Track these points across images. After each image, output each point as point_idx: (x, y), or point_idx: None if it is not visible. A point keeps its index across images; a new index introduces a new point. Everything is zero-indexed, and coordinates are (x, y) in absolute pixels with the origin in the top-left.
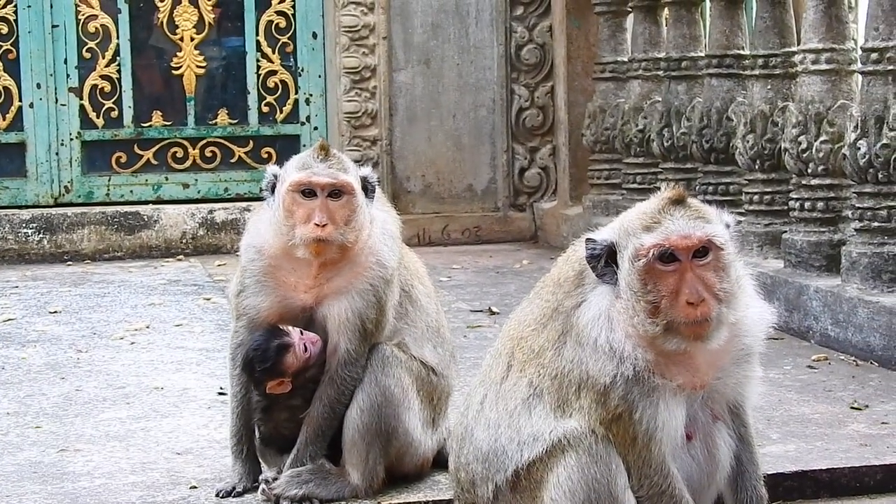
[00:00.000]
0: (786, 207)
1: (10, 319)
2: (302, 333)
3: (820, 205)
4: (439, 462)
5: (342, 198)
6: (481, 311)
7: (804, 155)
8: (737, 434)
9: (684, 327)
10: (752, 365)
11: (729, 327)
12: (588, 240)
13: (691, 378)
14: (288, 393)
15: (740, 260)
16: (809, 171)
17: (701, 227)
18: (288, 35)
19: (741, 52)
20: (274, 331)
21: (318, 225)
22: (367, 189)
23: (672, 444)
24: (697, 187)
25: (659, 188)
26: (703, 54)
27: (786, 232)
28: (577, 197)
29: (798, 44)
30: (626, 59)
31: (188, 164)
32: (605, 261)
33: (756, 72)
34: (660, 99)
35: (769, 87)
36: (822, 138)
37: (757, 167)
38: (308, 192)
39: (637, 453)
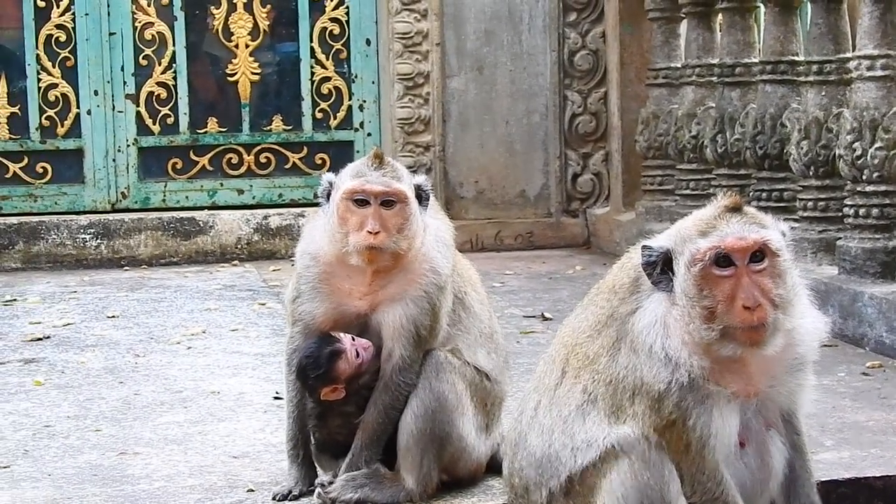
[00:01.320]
0: (840, 214)
1: (69, 324)
2: (354, 339)
3: (875, 211)
4: (493, 467)
5: (395, 206)
6: (534, 316)
7: (859, 161)
8: (790, 442)
9: (740, 333)
10: (805, 374)
11: (784, 334)
12: (644, 247)
13: (745, 385)
14: (342, 399)
15: (796, 268)
16: (864, 177)
17: (756, 230)
18: (342, 42)
19: (795, 58)
20: (326, 338)
21: (370, 233)
22: (421, 197)
23: (725, 452)
24: (751, 194)
25: (714, 195)
26: (756, 60)
27: (840, 238)
28: (629, 203)
29: (853, 50)
30: (679, 65)
31: (243, 170)
32: (661, 268)
33: (810, 78)
34: (713, 105)
35: (823, 93)
36: (877, 145)
37: (811, 173)
38: (361, 200)
39: (690, 460)
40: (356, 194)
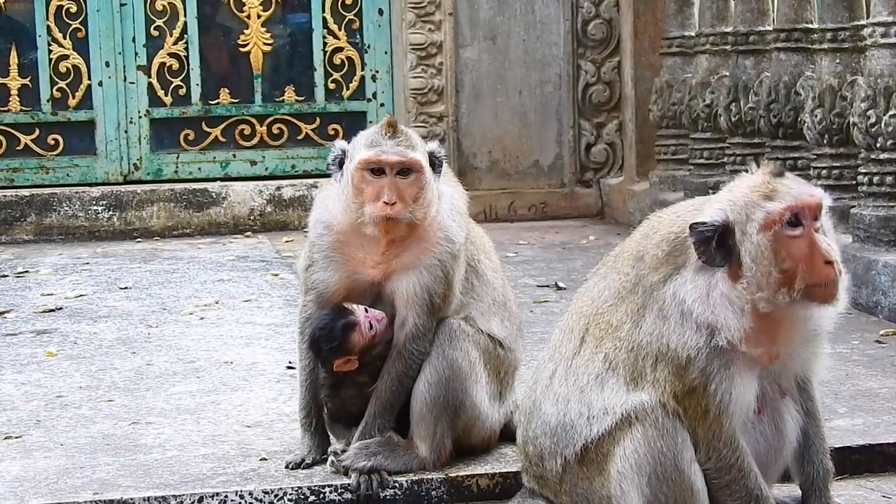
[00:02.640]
0: (854, 182)
1: (81, 295)
2: (367, 311)
3: (889, 179)
4: (506, 435)
5: (411, 175)
6: (548, 286)
7: (873, 129)
8: (804, 408)
9: (819, 290)
10: (820, 341)
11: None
12: (694, 225)
13: (768, 350)
14: (355, 370)
15: None
16: (878, 145)
17: (811, 188)
18: (354, 12)
19: (809, 25)
20: (339, 310)
21: (387, 203)
22: (435, 164)
23: (743, 418)
24: (765, 162)
25: (727, 164)
26: (770, 28)
27: (854, 207)
28: (643, 173)
29: (867, 17)
30: (693, 34)
31: (255, 141)
32: (715, 242)
33: (824, 46)
34: (727, 74)
35: (838, 61)
36: (891, 112)
37: (825, 142)
38: (377, 170)
39: (708, 426)
40: (371, 164)
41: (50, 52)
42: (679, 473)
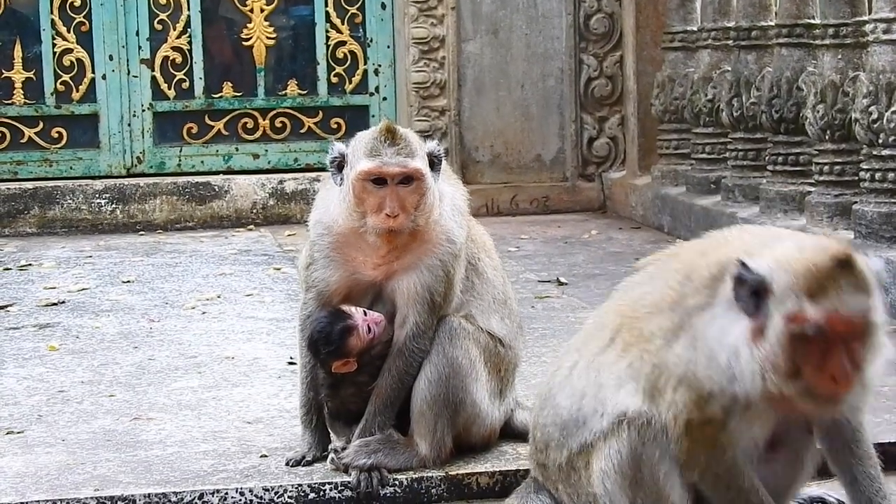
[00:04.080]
0: (856, 178)
1: (84, 289)
2: (366, 314)
3: (891, 175)
4: (506, 433)
5: (412, 183)
6: (549, 281)
7: (875, 125)
8: (847, 447)
9: (821, 398)
10: (868, 392)
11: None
12: (742, 263)
13: (791, 405)
14: (354, 370)
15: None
16: (880, 141)
17: (865, 301)
18: (357, 6)
19: (812, 21)
20: (337, 313)
21: (389, 216)
22: (434, 163)
23: (750, 453)
24: (767, 157)
25: (728, 158)
26: (773, 24)
27: (856, 203)
28: (645, 167)
29: (869, 13)
30: (695, 29)
31: (258, 134)
32: (751, 292)
33: (826, 41)
34: (729, 69)
35: (840, 56)
36: (892, 108)
37: (827, 137)
38: (378, 179)
39: (712, 454)
40: (373, 175)
41: (54, 45)
42: (655, 483)
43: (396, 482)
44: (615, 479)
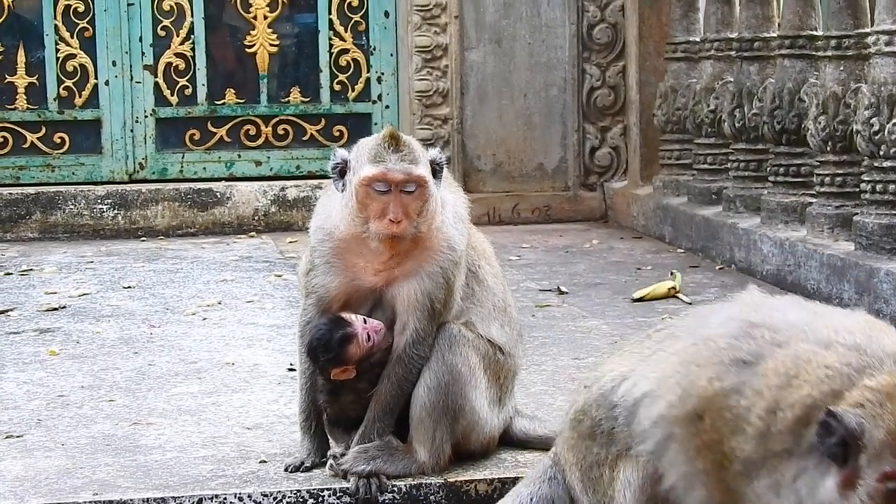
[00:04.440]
0: (857, 189)
1: (84, 294)
2: (366, 322)
3: (892, 187)
4: (505, 440)
5: (415, 190)
6: (550, 290)
7: (876, 137)
8: None
9: None
10: None
11: None
12: (829, 414)
13: None
14: (353, 377)
15: None
16: (881, 153)
17: None
18: (360, 14)
19: (814, 32)
20: (337, 321)
21: (392, 221)
22: (436, 171)
23: None
24: (769, 169)
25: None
26: (775, 35)
27: (857, 214)
28: (647, 177)
29: (871, 25)
30: (698, 40)
31: (261, 141)
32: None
33: (829, 53)
34: (731, 79)
35: (842, 68)
36: (894, 120)
37: (828, 149)
38: (382, 186)
39: None
40: (376, 181)
41: (57, 50)
42: None
43: (395, 489)
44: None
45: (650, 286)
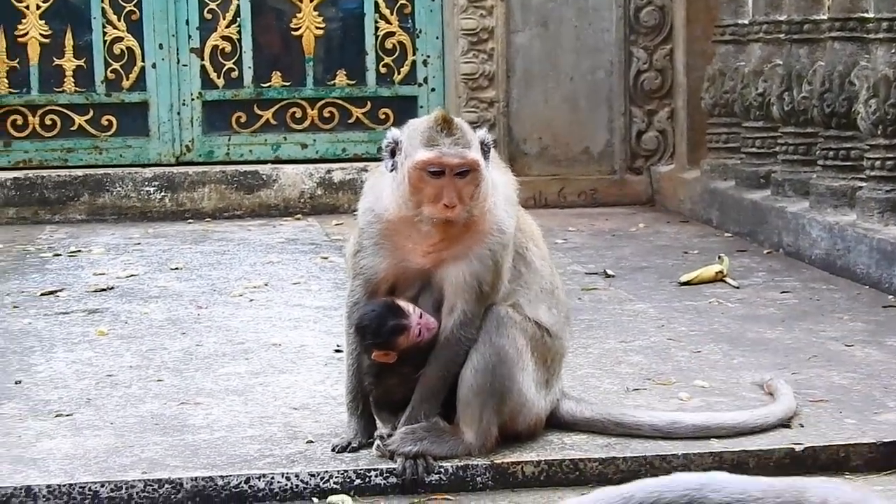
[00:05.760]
0: None
1: (132, 275)
2: (421, 317)
3: None
4: (552, 423)
5: (469, 174)
6: (596, 273)
7: None
8: None
9: None
10: None
11: None
12: None
13: None
14: (397, 361)
15: None
16: None
17: None
18: None
19: (865, 14)
20: (393, 308)
21: (447, 206)
22: (484, 152)
23: None
24: (818, 153)
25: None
26: (825, 17)
27: None
28: (694, 161)
29: None
30: (746, 22)
31: (307, 124)
32: None
33: (880, 35)
34: (780, 62)
35: (893, 51)
36: None
37: (879, 132)
38: (436, 171)
39: None
40: (431, 166)
41: (104, 34)
42: None
43: (442, 469)
44: None
45: (697, 270)
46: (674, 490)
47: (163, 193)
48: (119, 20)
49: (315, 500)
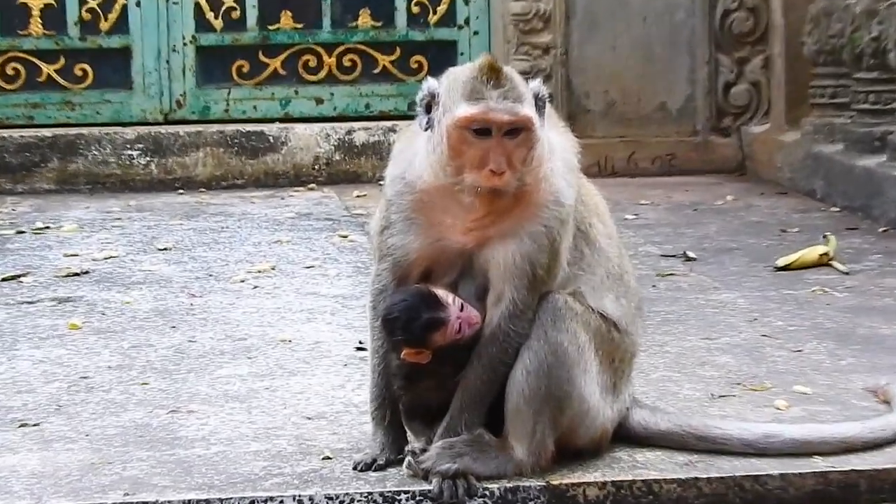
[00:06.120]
0: None
1: (111, 257)
2: (462, 310)
3: None
4: (620, 435)
5: (520, 134)
6: (674, 256)
7: None
8: None
9: None
10: None
11: None
12: None
13: None
14: (432, 361)
15: None
16: None
17: None
18: None
19: None
20: (429, 298)
21: (494, 172)
22: (539, 108)
23: None
24: None
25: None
26: None
27: None
28: (794, 120)
29: None
30: None
31: (322, 74)
32: None
33: None
34: None
35: None
36: None
37: None
38: (482, 130)
39: None
40: (476, 124)
41: None
42: None
43: (487, 492)
44: None
45: (797, 252)
46: None
47: (148, 158)
48: None
49: None
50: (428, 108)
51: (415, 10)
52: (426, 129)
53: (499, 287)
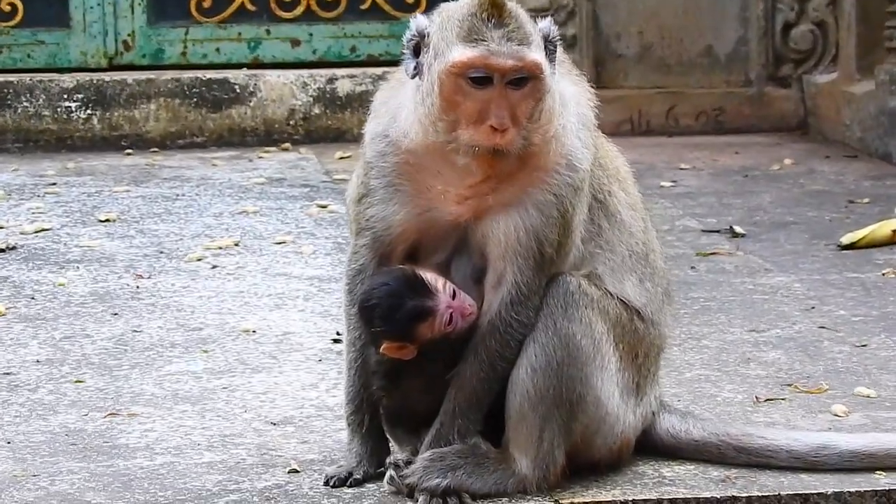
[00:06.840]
0: None
1: (43, 230)
2: (454, 297)
3: None
4: (645, 445)
5: (527, 84)
6: (719, 231)
7: None
8: None
9: None
10: None
11: None
12: None
13: None
14: (418, 356)
15: None
16: None
17: None
18: None
19: None
20: (415, 283)
21: (495, 128)
22: (549, 52)
23: None
24: None
25: None
26: None
27: None
28: (866, 68)
29: None
30: None
31: (299, 11)
32: None
33: None
34: None
35: None
36: None
37: None
38: (481, 77)
39: None
40: (474, 70)
41: None
42: None
43: None
44: None
45: (866, 227)
46: None
47: (89, 111)
48: None
49: None
50: (416, 52)
51: None
52: (414, 77)
53: (499, 267)
